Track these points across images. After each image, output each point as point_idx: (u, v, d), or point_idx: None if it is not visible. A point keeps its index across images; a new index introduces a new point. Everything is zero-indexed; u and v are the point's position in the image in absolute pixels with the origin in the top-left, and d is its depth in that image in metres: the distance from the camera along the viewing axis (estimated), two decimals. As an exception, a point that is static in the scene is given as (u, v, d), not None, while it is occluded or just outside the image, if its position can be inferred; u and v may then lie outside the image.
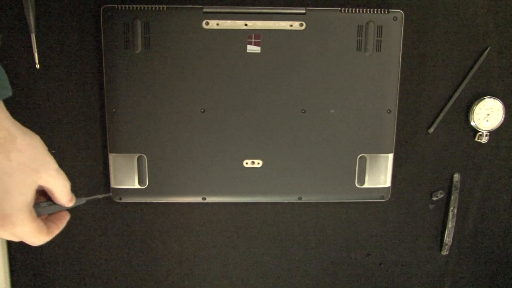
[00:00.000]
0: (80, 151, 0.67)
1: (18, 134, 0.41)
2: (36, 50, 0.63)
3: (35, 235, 0.43)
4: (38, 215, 0.45)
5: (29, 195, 0.42)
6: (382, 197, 0.69)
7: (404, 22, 0.64)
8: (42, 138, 0.42)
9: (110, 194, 0.66)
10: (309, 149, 0.65)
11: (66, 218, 0.48)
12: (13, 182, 0.40)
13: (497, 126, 0.69)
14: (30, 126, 0.42)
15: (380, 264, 0.74)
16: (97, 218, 0.69)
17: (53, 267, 0.70)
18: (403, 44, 0.64)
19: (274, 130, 0.65)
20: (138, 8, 0.60)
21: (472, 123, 0.69)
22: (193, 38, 0.62)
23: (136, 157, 0.65)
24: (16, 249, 0.69)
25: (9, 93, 0.39)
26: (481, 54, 0.67)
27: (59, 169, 0.44)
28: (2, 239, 0.67)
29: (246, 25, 0.62)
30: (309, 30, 0.62)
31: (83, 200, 0.51)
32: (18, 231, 0.42)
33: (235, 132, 0.65)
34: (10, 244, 0.69)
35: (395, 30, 0.63)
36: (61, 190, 0.45)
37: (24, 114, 0.65)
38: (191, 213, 0.70)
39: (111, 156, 0.65)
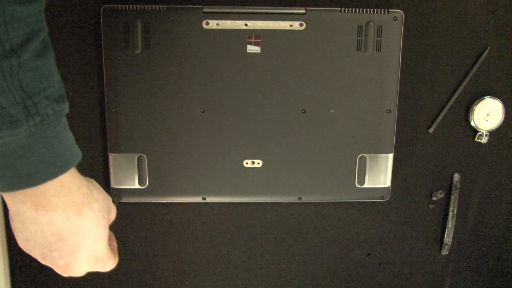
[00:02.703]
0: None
1: (91, 186, 0.46)
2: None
3: (114, 263, 0.50)
4: None
5: (108, 233, 0.48)
6: (382, 197, 0.69)
7: (404, 22, 0.64)
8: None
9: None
10: (309, 149, 0.65)
11: (112, 234, 0.54)
12: (100, 228, 0.46)
13: (497, 126, 0.69)
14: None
15: (380, 264, 0.74)
16: (97, 218, 0.69)
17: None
18: (403, 44, 0.64)
19: (274, 130, 0.65)
20: (138, 8, 0.60)
21: (472, 123, 0.69)
22: (193, 38, 0.62)
23: (136, 157, 0.65)
24: (16, 249, 0.69)
25: (80, 157, 0.43)
26: (481, 54, 0.67)
27: None
28: (2, 238, 0.67)
29: (246, 25, 0.62)
30: (309, 30, 0.62)
31: None
32: (107, 266, 0.49)
33: (235, 132, 0.65)
34: (10, 244, 0.69)
35: (395, 30, 0.63)
36: (115, 215, 0.51)
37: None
38: (191, 213, 0.70)
39: (111, 156, 0.65)
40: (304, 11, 0.62)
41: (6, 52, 0.35)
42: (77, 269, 0.46)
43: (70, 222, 0.43)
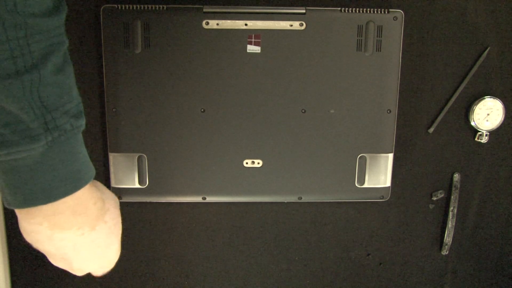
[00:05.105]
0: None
1: (103, 196, 0.46)
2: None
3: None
4: None
5: (120, 233, 0.49)
6: (382, 197, 0.69)
7: (404, 22, 0.64)
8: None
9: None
10: (309, 149, 0.65)
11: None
12: (112, 236, 0.47)
13: (497, 126, 0.69)
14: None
15: (380, 264, 0.74)
16: (97, 218, 0.69)
17: (53, 267, 0.70)
18: (403, 44, 0.64)
19: (274, 130, 0.65)
20: (138, 8, 0.60)
21: (472, 123, 0.69)
22: (193, 38, 0.62)
23: (136, 156, 0.65)
24: (16, 249, 0.69)
25: (94, 174, 0.43)
26: (481, 54, 0.67)
27: None
28: (2, 238, 0.67)
29: (246, 25, 0.62)
30: (309, 30, 0.62)
31: None
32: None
33: (235, 132, 0.65)
34: (10, 244, 0.69)
35: (395, 30, 0.63)
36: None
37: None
38: (191, 213, 0.70)
39: (111, 156, 0.65)
40: (304, 11, 0.62)
41: (27, 66, 0.34)
42: (89, 270, 0.47)
43: (84, 237, 0.43)
